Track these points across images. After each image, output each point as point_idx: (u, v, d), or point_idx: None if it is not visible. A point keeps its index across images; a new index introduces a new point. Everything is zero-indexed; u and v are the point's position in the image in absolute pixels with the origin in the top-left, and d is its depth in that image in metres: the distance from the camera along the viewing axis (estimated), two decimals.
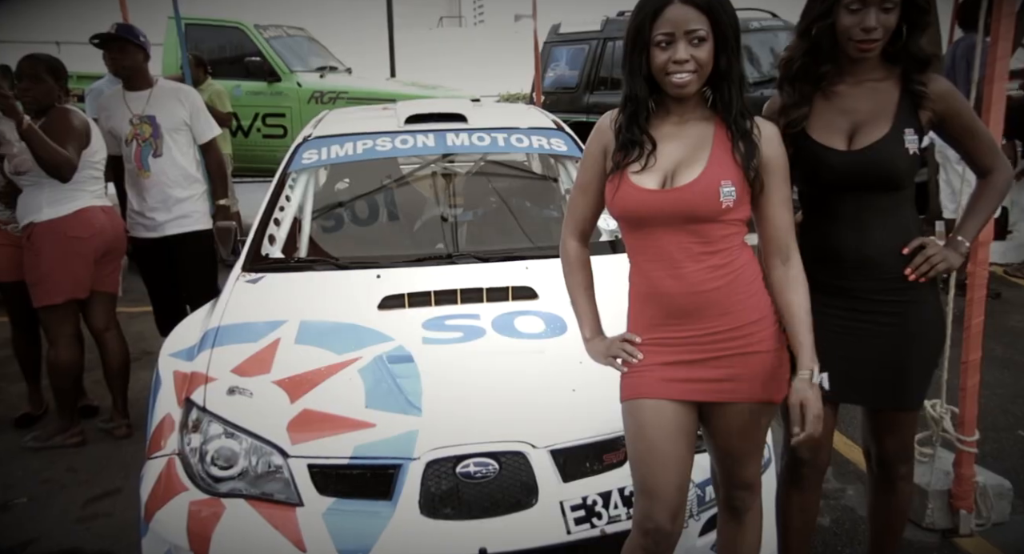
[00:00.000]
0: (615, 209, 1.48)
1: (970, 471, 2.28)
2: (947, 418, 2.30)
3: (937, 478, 2.36)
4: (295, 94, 6.42)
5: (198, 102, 3.43)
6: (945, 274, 1.63)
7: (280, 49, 6.61)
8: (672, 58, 1.37)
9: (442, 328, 2.06)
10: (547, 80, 7.91)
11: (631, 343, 1.53)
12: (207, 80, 5.63)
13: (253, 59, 6.34)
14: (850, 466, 2.71)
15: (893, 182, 1.57)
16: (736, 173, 1.41)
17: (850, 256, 1.60)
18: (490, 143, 2.83)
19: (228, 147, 5.84)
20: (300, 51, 6.94)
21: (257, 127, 6.43)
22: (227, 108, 5.70)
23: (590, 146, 1.55)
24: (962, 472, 2.28)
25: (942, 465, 2.38)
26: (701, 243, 1.43)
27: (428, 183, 3.17)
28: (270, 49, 6.50)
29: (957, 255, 1.62)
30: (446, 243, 2.79)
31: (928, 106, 1.56)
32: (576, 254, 1.63)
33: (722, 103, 1.43)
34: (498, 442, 1.71)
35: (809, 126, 1.60)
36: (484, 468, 1.69)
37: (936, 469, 2.37)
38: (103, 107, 3.39)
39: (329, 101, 6.30)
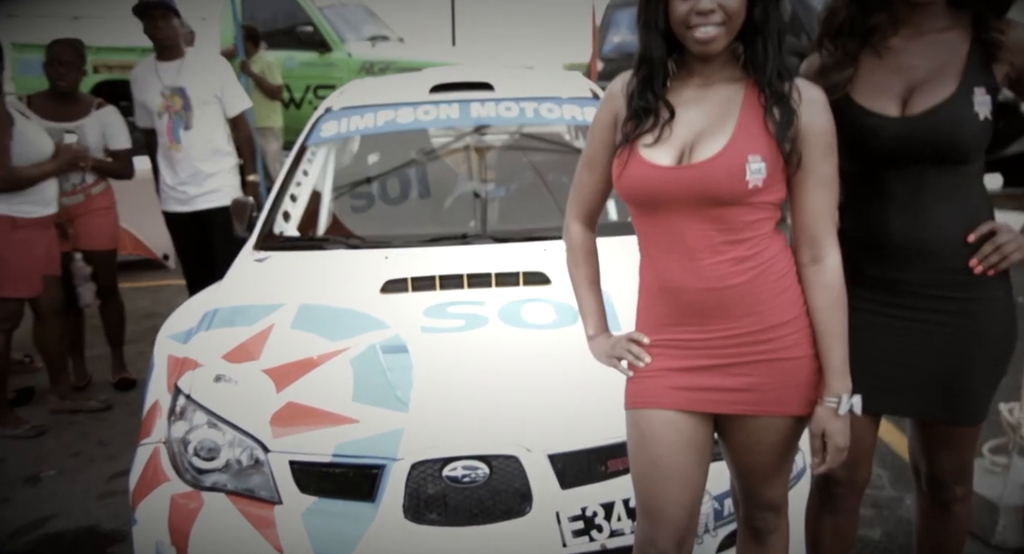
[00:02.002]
0: (621, 189, 1.29)
1: None
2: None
3: (1011, 492, 2.10)
4: (345, 65, 6.38)
5: (229, 73, 3.40)
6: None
7: (333, 19, 6.58)
8: (695, 8, 1.16)
9: (444, 315, 1.94)
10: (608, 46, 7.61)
11: (638, 344, 1.34)
12: (259, 52, 5.64)
13: (305, 29, 6.33)
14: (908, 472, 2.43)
15: (959, 154, 1.32)
16: (768, 146, 1.20)
17: (901, 242, 1.36)
18: (518, 114, 2.67)
19: (280, 120, 5.88)
20: (353, 21, 6.89)
21: (309, 99, 6.43)
22: (277, 80, 5.70)
23: (599, 114, 1.36)
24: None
25: (1018, 477, 2.11)
26: (723, 231, 1.22)
27: (458, 157, 3.04)
28: (322, 19, 6.47)
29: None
30: (473, 221, 2.67)
31: (1005, 58, 1.29)
32: (581, 240, 1.45)
33: (755, 61, 1.21)
34: (490, 444, 1.58)
35: (854, 89, 1.36)
36: (473, 472, 1.56)
37: (1011, 481, 2.11)
38: (135, 79, 3.40)
39: (380, 72, 6.23)
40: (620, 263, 1.56)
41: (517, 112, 2.65)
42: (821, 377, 1.27)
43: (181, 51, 3.34)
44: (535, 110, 2.65)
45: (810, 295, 1.26)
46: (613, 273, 1.50)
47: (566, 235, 1.47)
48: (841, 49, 1.37)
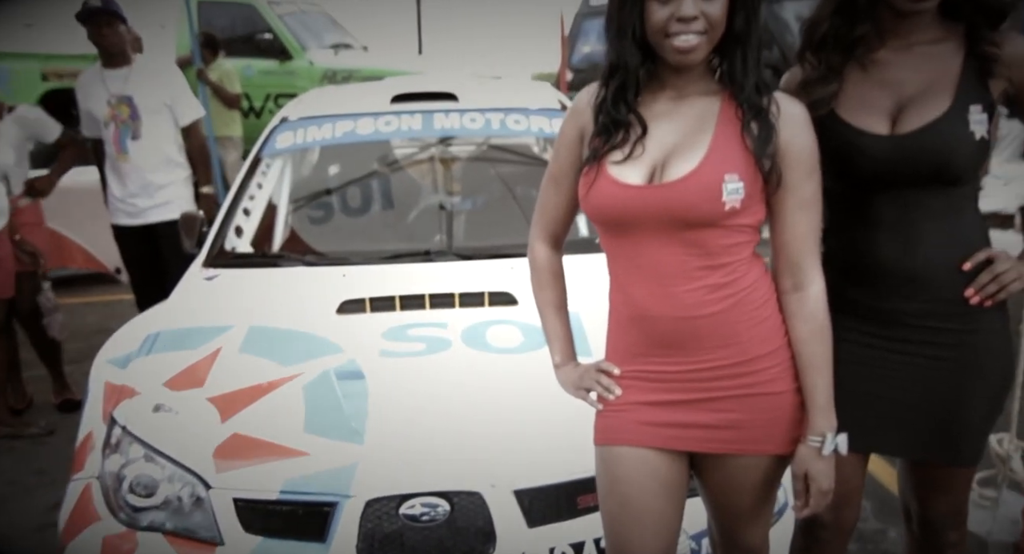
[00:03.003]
0: (588, 208, 1.21)
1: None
2: (1016, 456, 1.96)
3: (1001, 527, 2.02)
4: (307, 73, 6.26)
5: (181, 82, 3.28)
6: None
7: (293, 26, 6.46)
8: (676, 14, 1.08)
9: (404, 338, 1.84)
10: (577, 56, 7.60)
11: (608, 375, 1.26)
12: (217, 60, 5.50)
13: (264, 37, 6.21)
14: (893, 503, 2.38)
15: (952, 175, 1.24)
16: (745, 164, 1.13)
17: (891, 269, 1.28)
18: (484, 125, 2.60)
19: (239, 129, 5.73)
20: (315, 28, 6.78)
21: (269, 108, 6.29)
22: (236, 89, 5.57)
23: (565, 129, 1.28)
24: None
25: (1008, 512, 2.04)
26: (698, 255, 1.15)
27: (422, 169, 2.96)
28: (283, 26, 6.35)
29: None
30: (438, 235, 2.59)
31: (1002, 74, 1.23)
32: (546, 262, 1.37)
33: (732, 74, 1.14)
34: (451, 479, 1.49)
35: (839, 105, 1.28)
36: (433, 510, 1.47)
37: (1000, 516, 2.02)
38: (80, 87, 3.26)
39: (343, 80, 6.14)
40: (590, 282, 1.49)
41: (482, 123, 2.58)
42: (804, 413, 1.21)
43: (128, 58, 3.20)
44: (501, 121, 2.58)
45: (792, 325, 1.20)
46: (582, 293, 1.43)
47: (531, 256, 1.39)
48: (824, 62, 1.30)
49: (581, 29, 7.80)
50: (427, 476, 1.49)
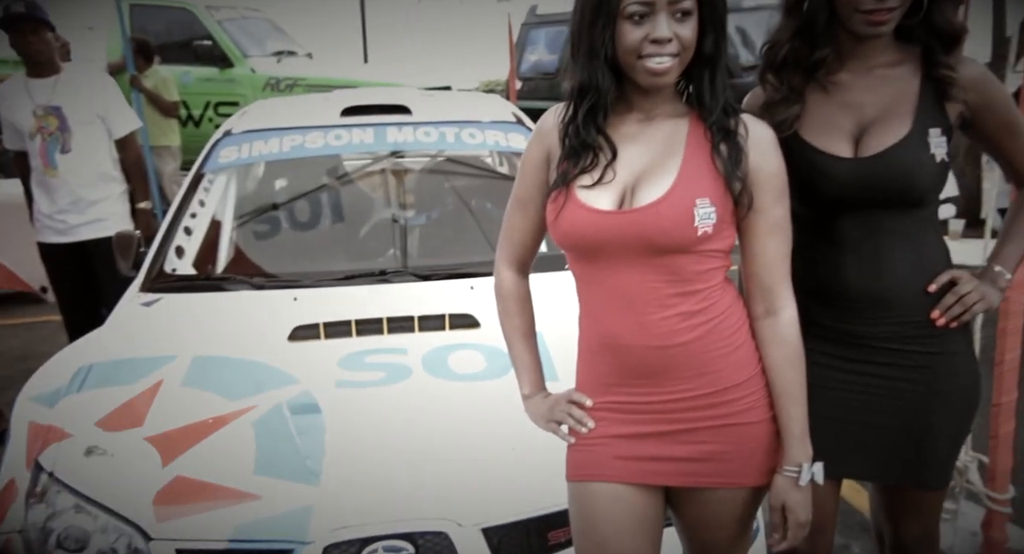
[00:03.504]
0: (557, 235, 1.17)
1: (1002, 535, 1.97)
2: (973, 467, 1.98)
3: (962, 539, 2.04)
4: (249, 81, 6.08)
5: (114, 91, 3.10)
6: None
7: (234, 32, 6.26)
8: (651, 36, 1.06)
9: (361, 367, 1.75)
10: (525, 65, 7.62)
11: (580, 407, 1.22)
12: (151, 66, 5.27)
13: (203, 43, 6.00)
14: (856, 516, 2.40)
15: (914, 197, 1.26)
16: (716, 187, 1.11)
17: (857, 292, 1.29)
18: (438, 139, 2.53)
19: (177, 138, 5.51)
20: (257, 34, 6.59)
21: (209, 117, 6.08)
22: (173, 96, 5.35)
23: (530, 152, 1.24)
24: (992, 535, 1.97)
25: (967, 524, 2.06)
26: (671, 282, 1.12)
27: (374, 181, 2.86)
28: (222, 32, 6.15)
29: (996, 291, 1.31)
30: (393, 250, 2.50)
31: (958, 97, 1.25)
32: (513, 288, 1.32)
33: (701, 96, 1.13)
34: (415, 519, 1.40)
35: (802, 127, 1.29)
36: (396, 553, 1.38)
37: (959, 528, 2.04)
38: (2, 96, 3.04)
39: (286, 89, 6.00)
40: (554, 302, 1.43)
41: (437, 137, 2.51)
42: (779, 443, 1.18)
43: (56, 67, 3.01)
44: (456, 135, 2.52)
45: (765, 351, 1.18)
46: (547, 314, 1.38)
47: (497, 282, 1.34)
48: (786, 84, 1.30)
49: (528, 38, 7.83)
50: (389, 517, 1.40)
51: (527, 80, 7.51)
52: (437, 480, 1.46)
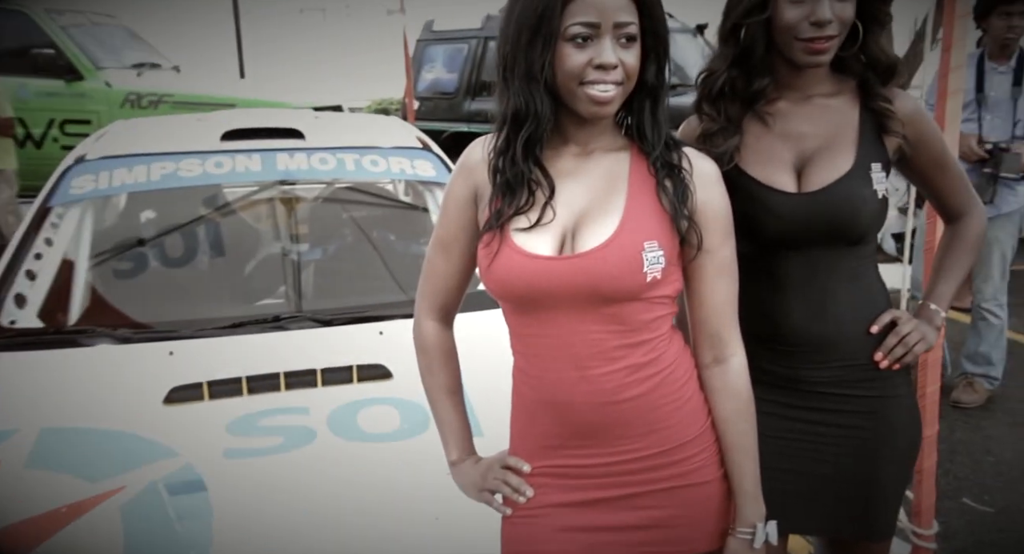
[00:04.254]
0: (492, 283, 1.13)
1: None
2: None
3: None
4: (103, 96, 5.74)
5: None
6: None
7: (83, 41, 5.91)
8: (596, 61, 1.05)
9: (255, 431, 1.64)
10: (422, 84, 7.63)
11: (516, 473, 1.17)
12: None
13: (44, 52, 5.61)
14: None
15: (857, 234, 1.31)
16: (663, 228, 1.11)
17: (801, 334, 1.32)
18: (336, 166, 2.45)
19: (13, 161, 5.09)
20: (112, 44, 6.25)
21: (53, 136, 5.68)
22: (6, 112, 4.95)
23: (454, 188, 1.20)
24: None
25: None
26: (618, 333, 1.11)
27: (258, 211, 2.74)
28: (67, 39, 5.79)
29: (933, 331, 1.37)
30: (284, 289, 2.39)
31: (896, 130, 1.31)
32: (436, 341, 1.27)
33: (641, 128, 1.13)
34: None
35: (743, 159, 1.32)
36: None
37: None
38: None
39: (149, 106, 5.70)
40: (474, 345, 1.40)
41: (334, 165, 2.43)
42: (731, 502, 1.18)
43: None
44: (356, 162, 2.45)
45: (714, 403, 1.18)
46: (467, 359, 1.33)
47: (417, 334, 1.29)
48: (724, 114, 1.33)
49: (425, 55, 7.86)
50: None
51: (425, 100, 7.51)
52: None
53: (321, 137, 2.51)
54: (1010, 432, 3.08)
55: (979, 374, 3.26)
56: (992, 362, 3.24)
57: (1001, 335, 3.25)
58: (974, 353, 3.27)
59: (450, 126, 7.14)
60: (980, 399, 3.24)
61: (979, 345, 3.26)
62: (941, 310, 1.39)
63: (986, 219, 1.45)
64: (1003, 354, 3.27)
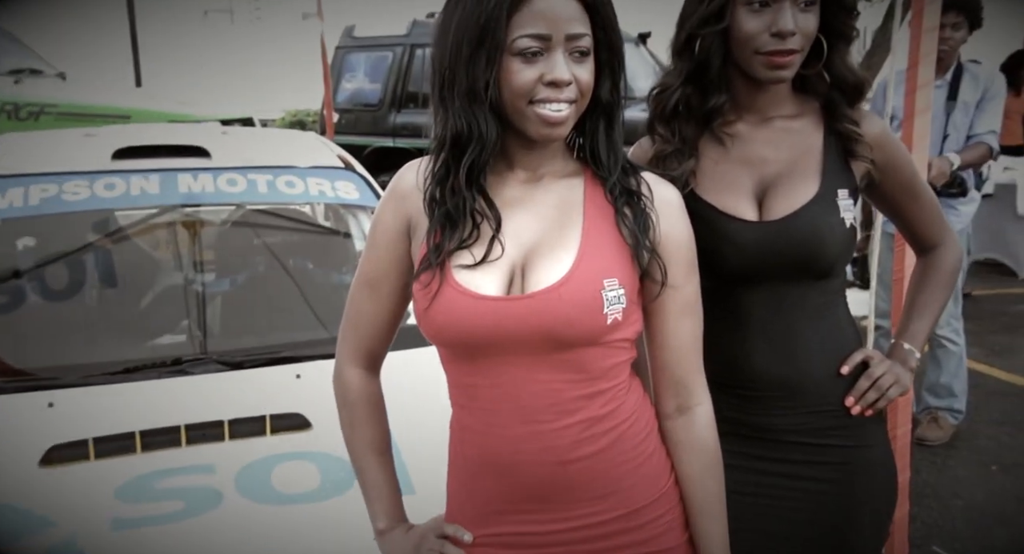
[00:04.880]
0: (432, 328, 1.10)
1: None
2: None
3: None
4: None
5: None
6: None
7: None
8: (547, 77, 1.03)
9: (150, 496, 1.57)
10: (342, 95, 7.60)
11: (456, 543, 1.14)
12: None
13: None
14: None
15: (824, 267, 1.32)
16: (623, 263, 1.09)
17: (765, 378, 1.33)
18: (246, 189, 2.40)
19: None
20: None
21: None
22: None
23: (384, 218, 1.17)
24: None
25: None
26: (574, 382, 1.08)
27: (157, 238, 2.66)
28: None
29: (907, 372, 1.40)
30: (187, 325, 2.30)
31: (864, 155, 1.33)
32: (362, 392, 1.23)
33: (597, 151, 1.12)
34: None
35: (699, 184, 1.33)
36: None
37: None
38: None
39: (29, 117, 5.51)
40: (405, 389, 1.37)
41: (244, 186, 2.38)
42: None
43: None
44: (269, 184, 2.40)
45: (679, 458, 1.17)
46: (397, 406, 1.30)
47: (339, 384, 1.25)
48: (678, 134, 1.34)
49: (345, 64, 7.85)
50: None
51: (345, 112, 7.48)
52: None
53: (229, 155, 2.46)
54: (978, 472, 3.18)
55: (943, 408, 3.37)
56: (955, 393, 3.36)
57: (961, 363, 3.37)
58: (935, 384, 3.39)
59: (373, 141, 7.13)
60: (945, 436, 3.35)
61: (939, 376, 3.37)
62: (915, 350, 1.42)
63: (961, 249, 1.49)
64: (965, 385, 3.39)
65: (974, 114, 3.20)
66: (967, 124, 3.21)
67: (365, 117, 7.40)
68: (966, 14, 3.11)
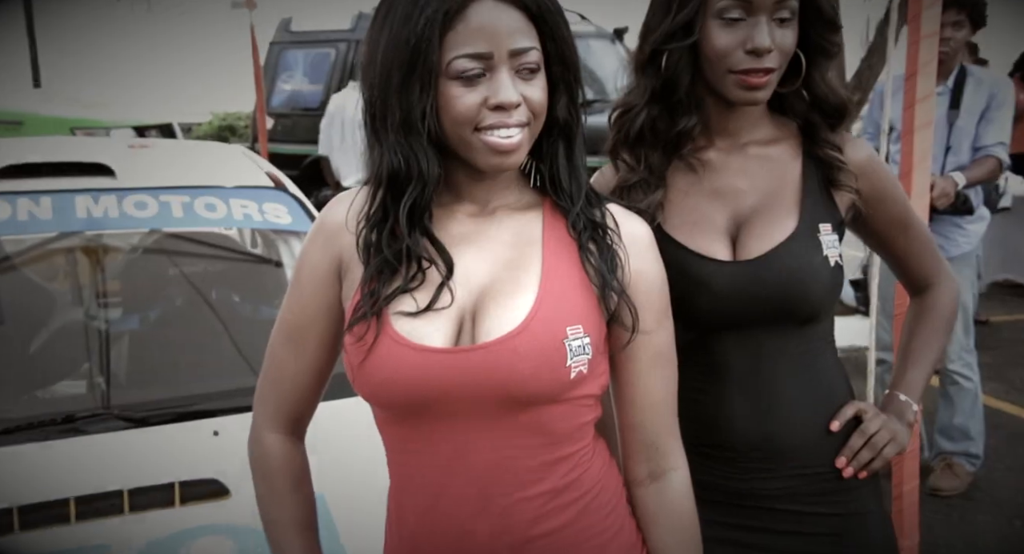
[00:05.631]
0: (367, 386, 1.08)
1: None
2: None
3: None
4: None
5: None
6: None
7: None
8: (493, 100, 1.03)
9: None
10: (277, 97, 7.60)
11: None
12: None
13: None
14: None
15: (807, 311, 1.33)
16: (588, 308, 1.09)
17: (747, 437, 1.33)
18: (158, 213, 2.36)
19: None
20: None
21: None
22: None
23: (310, 258, 1.16)
24: None
25: None
26: (534, 448, 1.08)
27: (53, 266, 2.67)
28: None
29: (905, 428, 1.40)
30: (82, 374, 2.27)
31: (847, 184, 1.34)
32: (282, 461, 1.22)
33: (557, 178, 1.12)
34: None
35: (666, 219, 1.34)
36: None
37: None
38: None
39: None
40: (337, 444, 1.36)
41: (156, 210, 2.34)
42: None
43: None
44: (185, 207, 2.36)
45: (650, 531, 1.17)
46: (327, 463, 1.31)
47: (256, 452, 1.23)
48: (644, 163, 1.34)
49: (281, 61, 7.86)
50: None
51: (281, 117, 7.46)
52: None
53: (138, 174, 2.42)
54: (999, 526, 3.20)
55: (958, 453, 3.40)
56: (971, 436, 3.39)
57: (976, 402, 3.41)
58: (948, 426, 3.42)
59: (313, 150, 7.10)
60: (962, 485, 3.37)
61: (953, 416, 3.40)
62: (913, 402, 1.42)
63: (958, 289, 1.50)
64: (982, 426, 3.43)
65: (980, 124, 3.24)
66: (972, 134, 3.25)
67: (304, 122, 7.40)
68: (968, 11, 3.16)
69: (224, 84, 10.92)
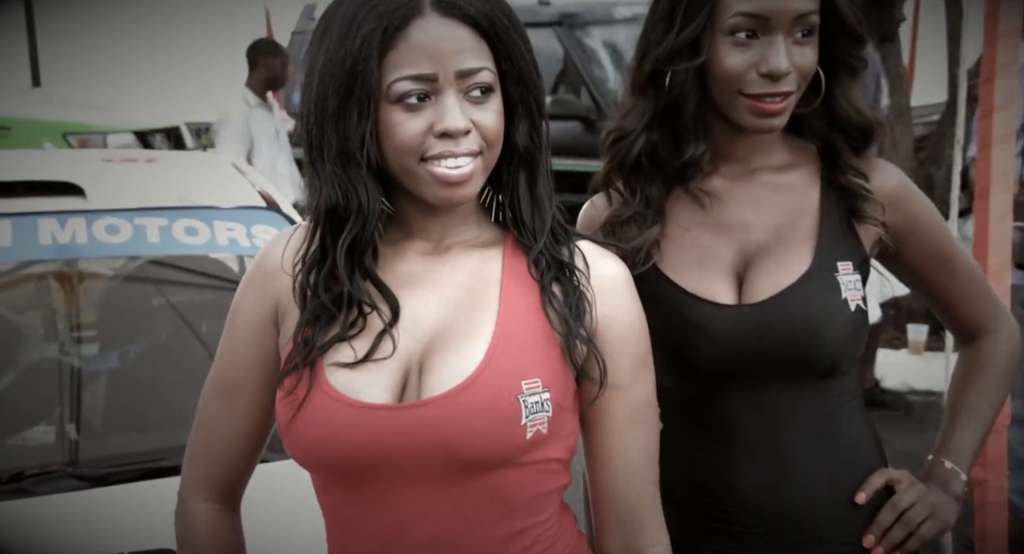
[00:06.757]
0: (299, 446, 1.13)
1: None
2: None
3: None
4: None
5: None
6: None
7: None
8: (439, 127, 1.06)
9: None
10: None
11: None
12: None
13: None
14: None
15: (825, 363, 1.33)
16: (550, 359, 1.12)
17: (756, 512, 1.34)
18: (131, 238, 2.42)
19: None
20: None
21: None
22: None
23: (243, 303, 1.22)
24: None
25: None
26: (490, 518, 1.11)
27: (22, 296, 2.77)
28: None
29: (951, 500, 1.38)
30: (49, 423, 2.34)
31: (874, 216, 1.35)
32: (210, 533, 1.26)
33: (518, 212, 1.15)
34: None
35: (663, 258, 1.35)
36: None
37: None
38: None
39: None
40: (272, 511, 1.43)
41: (129, 235, 2.41)
42: None
43: None
44: (163, 232, 2.43)
45: None
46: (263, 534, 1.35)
47: (181, 522, 1.28)
48: (640, 194, 1.36)
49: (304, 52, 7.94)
50: None
51: None
52: None
53: (111, 193, 2.49)
54: None
55: None
56: None
57: None
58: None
59: None
60: None
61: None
62: (961, 470, 1.40)
63: (1019, 336, 1.48)
64: None
65: None
66: None
67: None
68: None
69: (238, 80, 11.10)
